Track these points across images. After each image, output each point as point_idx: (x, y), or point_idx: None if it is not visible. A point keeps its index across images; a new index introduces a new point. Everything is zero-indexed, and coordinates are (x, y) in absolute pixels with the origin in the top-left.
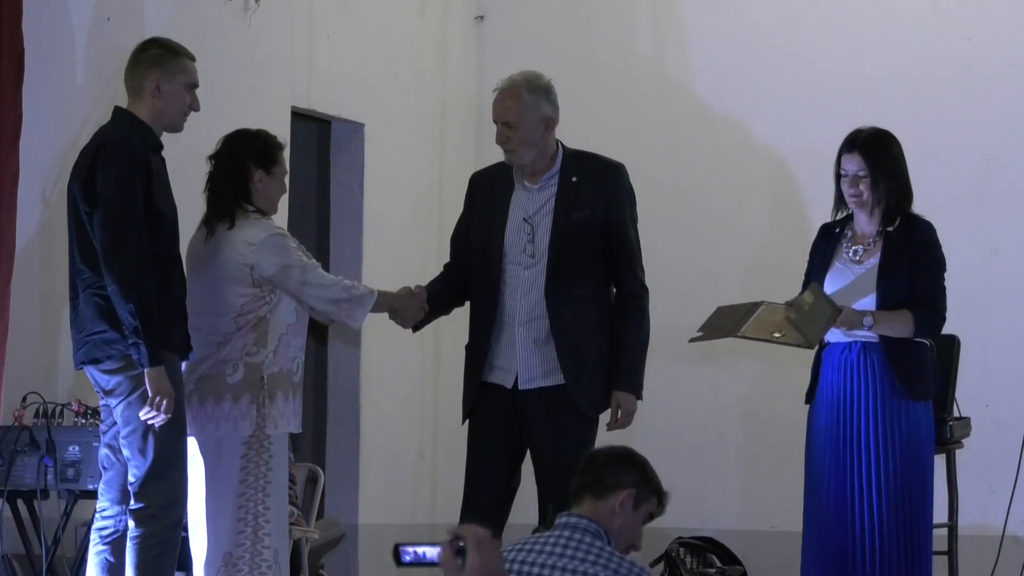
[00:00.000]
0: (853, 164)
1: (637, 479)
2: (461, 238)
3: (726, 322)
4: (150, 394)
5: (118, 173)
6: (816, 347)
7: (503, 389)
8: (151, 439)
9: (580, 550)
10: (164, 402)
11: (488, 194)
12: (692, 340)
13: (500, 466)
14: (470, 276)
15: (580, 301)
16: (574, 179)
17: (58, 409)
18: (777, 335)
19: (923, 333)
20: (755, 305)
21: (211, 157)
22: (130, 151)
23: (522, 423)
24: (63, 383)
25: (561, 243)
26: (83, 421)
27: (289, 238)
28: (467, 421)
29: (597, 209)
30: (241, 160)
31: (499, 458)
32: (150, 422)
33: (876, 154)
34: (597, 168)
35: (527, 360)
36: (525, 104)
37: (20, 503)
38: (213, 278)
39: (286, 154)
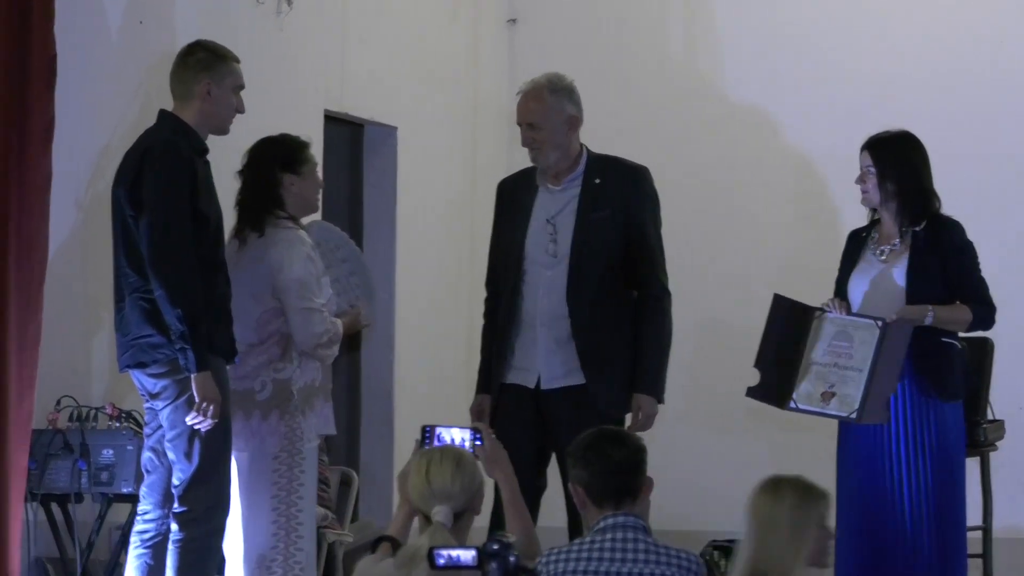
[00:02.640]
0: (862, 161)
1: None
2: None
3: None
4: (197, 399)
5: (165, 178)
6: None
7: (525, 390)
8: (197, 443)
9: (638, 551)
10: (211, 407)
11: (514, 198)
12: (749, 393)
13: (526, 468)
14: (498, 274)
15: (601, 302)
16: (597, 181)
17: (92, 412)
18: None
19: (980, 324)
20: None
21: (240, 173)
22: (176, 155)
23: (546, 424)
24: (97, 386)
25: (583, 243)
26: (117, 424)
27: (313, 254)
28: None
29: (618, 210)
30: (268, 168)
31: (525, 460)
32: (197, 427)
33: (885, 153)
34: (620, 170)
35: (548, 360)
36: (548, 105)
37: (54, 506)
38: (241, 286)
39: (317, 156)
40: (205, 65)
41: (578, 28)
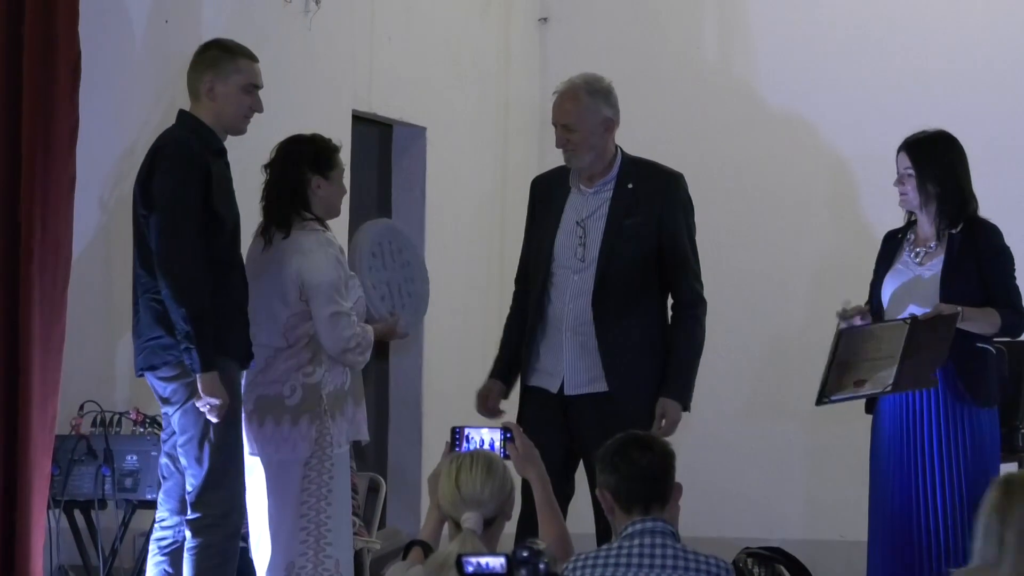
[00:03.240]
0: (900, 163)
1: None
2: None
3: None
4: (202, 399)
5: (173, 176)
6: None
7: (550, 394)
8: (207, 447)
9: (666, 556)
10: (217, 407)
11: (547, 198)
12: (820, 403)
13: (553, 474)
14: (529, 276)
15: (628, 309)
16: (630, 185)
17: (116, 418)
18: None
19: (1007, 331)
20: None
21: (266, 166)
22: (186, 153)
23: (571, 430)
24: (121, 391)
25: (612, 249)
26: (141, 430)
27: (340, 257)
28: None
29: (651, 217)
30: (297, 168)
31: (551, 465)
32: (207, 417)
33: (923, 154)
34: (654, 175)
35: (573, 365)
36: (584, 106)
37: (77, 513)
38: (267, 289)
39: (345, 157)
40: (210, 63)
41: (611, 27)
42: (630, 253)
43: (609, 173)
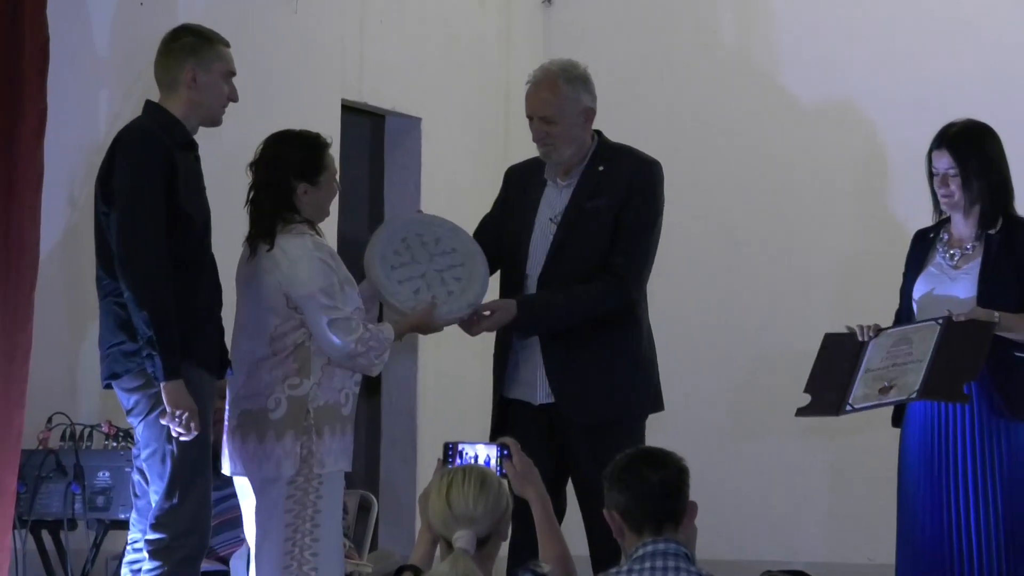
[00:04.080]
0: (943, 162)
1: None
2: (483, 234)
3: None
4: (168, 409)
5: (135, 170)
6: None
7: (530, 406)
8: (170, 463)
9: None
10: (183, 419)
11: (521, 190)
12: (799, 413)
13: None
14: (501, 281)
15: None
16: (600, 168)
17: (86, 431)
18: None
19: None
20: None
21: (251, 166)
22: (149, 147)
23: (558, 441)
24: (91, 402)
25: (566, 236)
26: (114, 444)
27: (331, 261)
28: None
29: (613, 200)
30: (282, 173)
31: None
32: (174, 435)
33: (967, 150)
34: (627, 160)
35: (545, 371)
36: (564, 96)
37: (45, 534)
38: (253, 298)
39: (335, 150)
40: (190, 50)
41: (619, 9)
42: (585, 239)
43: (584, 162)
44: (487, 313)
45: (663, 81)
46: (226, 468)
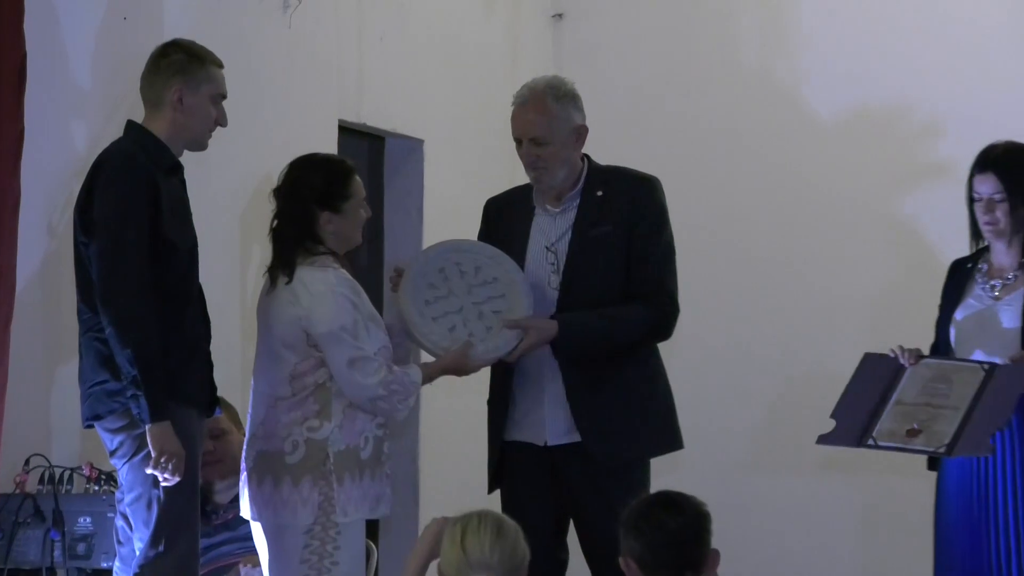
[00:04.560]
0: (987, 186)
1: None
2: None
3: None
4: (153, 454)
5: (116, 197)
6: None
7: (534, 448)
8: (155, 508)
9: None
10: (171, 462)
11: (505, 223)
12: (820, 440)
13: (543, 540)
14: None
15: None
16: (599, 193)
17: (67, 474)
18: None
19: None
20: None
21: (274, 192)
22: (131, 171)
23: (561, 486)
24: (71, 443)
25: (576, 266)
26: (96, 488)
27: (355, 297)
28: (495, 490)
29: (620, 225)
30: (303, 202)
31: (541, 530)
32: (161, 482)
33: (1013, 173)
34: (625, 181)
35: (553, 412)
36: (554, 115)
37: None
38: (271, 334)
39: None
40: (178, 69)
41: (634, 24)
42: (597, 268)
43: (577, 187)
44: (531, 334)
45: (681, 98)
46: (245, 511)
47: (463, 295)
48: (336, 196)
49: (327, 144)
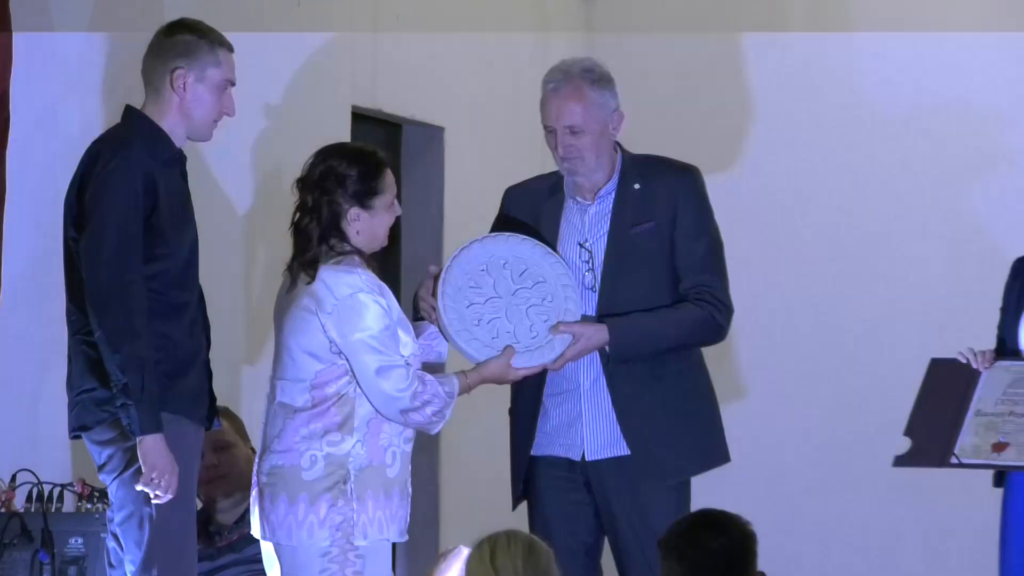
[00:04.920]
0: None
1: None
2: None
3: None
4: (143, 468)
5: (110, 189)
6: None
7: (567, 463)
8: (147, 528)
9: None
10: (162, 479)
11: (531, 213)
12: (898, 463)
13: (577, 562)
14: None
15: None
16: (636, 186)
17: (56, 491)
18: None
19: None
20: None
21: (298, 182)
22: (127, 161)
23: (598, 504)
24: (61, 457)
25: (617, 266)
26: (88, 506)
27: (384, 300)
28: (519, 506)
29: (664, 223)
30: (329, 196)
31: (574, 552)
32: (152, 499)
33: None
34: (665, 172)
35: (596, 423)
36: (592, 102)
37: None
38: (289, 339)
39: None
40: (184, 51)
41: (673, 2)
42: (641, 270)
43: (612, 178)
44: (578, 341)
45: (724, 83)
46: (256, 531)
47: (507, 296)
48: (366, 192)
49: (339, 131)
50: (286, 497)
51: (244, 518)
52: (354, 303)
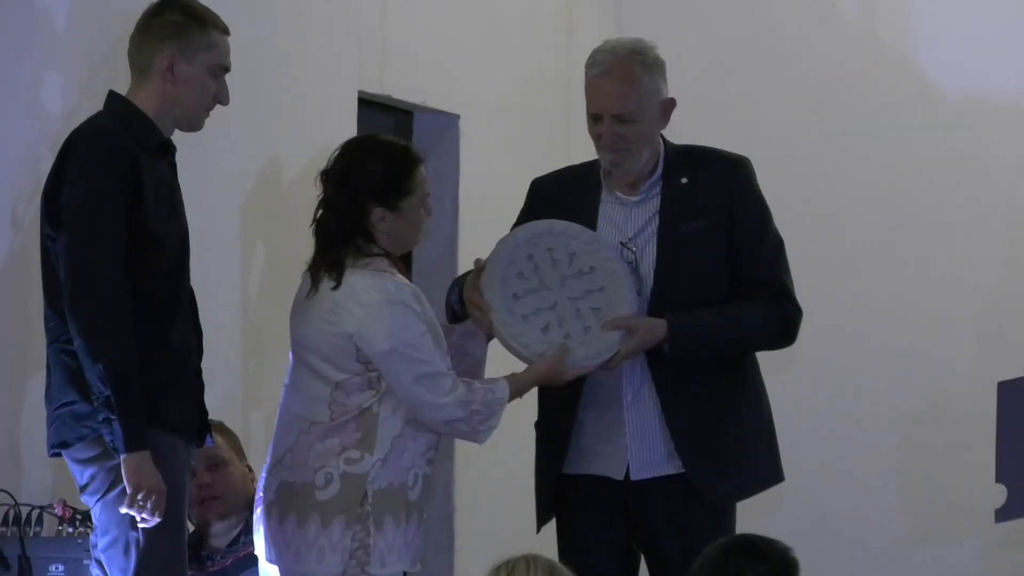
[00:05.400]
0: None
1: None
2: None
3: None
4: (128, 489)
5: (89, 181)
6: None
7: (606, 483)
8: (133, 554)
9: None
10: (149, 499)
11: (562, 210)
12: (1000, 518)
13: None
14: None
15: None
16: (684, 180)
17: (35, 513)
18: None
19: None
20: None
21: (323, 174)
22: (108, 150)
23: (637, 525)
24: (42, 477)
25: (668, 269)
26: (70, 530)
27: (417, 306)
28: (542, 529)
29: (719, 220)
30: (354, 193)
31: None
32: (139, 522)
33: None
34: (714, 165)
35: (642, 438)
36: (643, 88)
37: None
38: (310, 346)
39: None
40: (173, 32)
41: None
42: (696, 272)
43: (656, 171)
44: (637, 334)
45: (767, 65)
46: (260, 552)
47: (557, 288)
48: (394, 191)
49: (346, 118)
50: (295, 517)
51: (238, 541)
52: (383, 310)
